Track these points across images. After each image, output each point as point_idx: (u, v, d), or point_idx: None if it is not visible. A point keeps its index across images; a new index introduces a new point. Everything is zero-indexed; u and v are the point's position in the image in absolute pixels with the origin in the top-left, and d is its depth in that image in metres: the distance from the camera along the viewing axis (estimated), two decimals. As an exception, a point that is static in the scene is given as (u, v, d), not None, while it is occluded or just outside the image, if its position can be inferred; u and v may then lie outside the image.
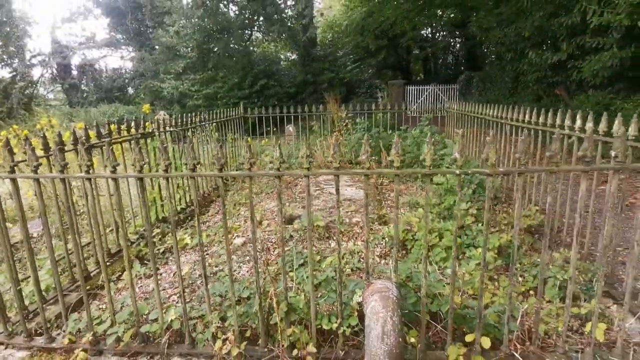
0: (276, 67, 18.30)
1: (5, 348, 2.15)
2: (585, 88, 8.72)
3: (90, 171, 1.90)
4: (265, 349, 1.96)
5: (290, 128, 8.20)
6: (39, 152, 2.57)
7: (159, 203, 3.99)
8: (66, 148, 2.86)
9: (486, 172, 1.66)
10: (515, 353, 1.89)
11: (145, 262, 3.20)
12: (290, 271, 2.60)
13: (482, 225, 3.17)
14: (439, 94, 17.93)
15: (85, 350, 2.02)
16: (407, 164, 5.16)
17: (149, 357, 2.02)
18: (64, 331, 2.15)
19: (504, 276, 2.64)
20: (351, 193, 4.25)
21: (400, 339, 1.60)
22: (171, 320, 2.02)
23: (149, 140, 4.01)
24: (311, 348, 1.85)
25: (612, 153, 1.60)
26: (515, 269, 2.76)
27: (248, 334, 2.04)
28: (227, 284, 1.96)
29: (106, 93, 21.86)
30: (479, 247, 2.86)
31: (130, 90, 23.23)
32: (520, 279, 2.59)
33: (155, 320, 2.08)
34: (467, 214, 3.17)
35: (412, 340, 1.97)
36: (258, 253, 2.90)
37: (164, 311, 2.07)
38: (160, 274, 3.04)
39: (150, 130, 4.00)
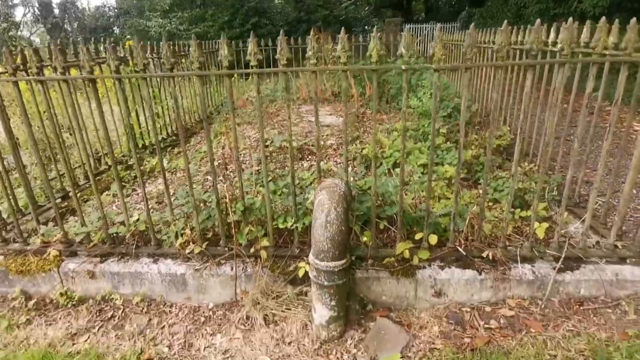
0: (268, 4, 17.38)
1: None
2: (586, 19, 8.35)
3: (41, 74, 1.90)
4: (226, 248, 2.08)
5: None
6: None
7: (137, 131, 4.07)
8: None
9: (432, 67, 1.66)
10: (459, 248, 2.02)
11: (124, 183, 3.29)
12: (260, 186, 2.68)
13: (451, 143, 3.23)
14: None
15: (58, 252, 2.15)
16: (391, 95, 5.13)
17: (119, 257, 2.15)
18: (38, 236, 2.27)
19: (467, 190, 2.73)
20: (330, 120, 4.27)
21: (343, 228, 1.69)
22: (137, 222, 2.13)
23: (122, 67, 3.94)
24: (265, 242, 1.96)
25: (558, 46, 1.59)
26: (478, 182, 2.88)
27: (210, 235, 2.16)
28: (195, 190, 2.03)
29: (91, 33, 20.92)
30: (446, 165, 2.92)
31: (116, 30, 22.22)
32: (481, 192, 2.68)
33: (123, 223, 2.19)
34: (438, 134, 3.20)
35: (365, 239, 2.09)
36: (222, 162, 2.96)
37: (130, 216, 2.17)
38: (138, 194, 3.16)
39: (122, 56, 3.92)
